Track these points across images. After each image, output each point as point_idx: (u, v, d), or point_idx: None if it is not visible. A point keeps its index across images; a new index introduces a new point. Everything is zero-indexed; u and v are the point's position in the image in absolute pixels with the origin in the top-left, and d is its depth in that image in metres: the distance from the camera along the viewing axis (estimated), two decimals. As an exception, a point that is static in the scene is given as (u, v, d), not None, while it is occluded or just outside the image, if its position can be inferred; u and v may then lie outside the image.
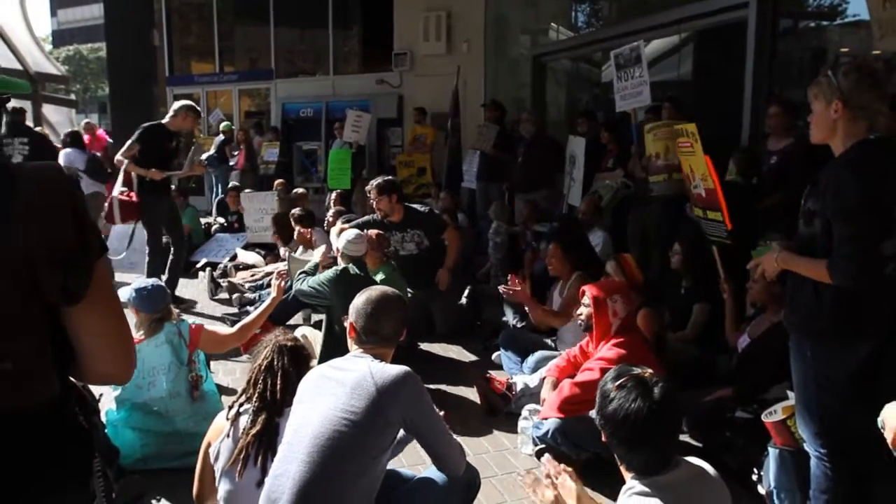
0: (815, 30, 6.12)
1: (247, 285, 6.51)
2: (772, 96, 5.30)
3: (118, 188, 5.82)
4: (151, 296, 3.22)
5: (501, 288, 4.42)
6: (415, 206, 5.64)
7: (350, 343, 2.31)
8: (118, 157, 5.80)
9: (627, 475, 1.70)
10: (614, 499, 2.92)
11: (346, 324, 2.32)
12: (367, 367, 2.08)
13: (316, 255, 4.37)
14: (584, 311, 3.41)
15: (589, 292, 3.37)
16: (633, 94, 5.83)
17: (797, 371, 2.39)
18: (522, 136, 7.67)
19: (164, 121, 5.83)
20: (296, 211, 6.64)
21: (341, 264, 4.04)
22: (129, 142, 5.77)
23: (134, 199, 5.75)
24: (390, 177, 5.40)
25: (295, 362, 2.39)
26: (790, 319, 2.41)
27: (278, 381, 2.32)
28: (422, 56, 10.66)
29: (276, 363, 2.36)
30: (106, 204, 5.93)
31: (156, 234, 6.00)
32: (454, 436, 2.34)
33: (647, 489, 1.64)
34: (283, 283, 3.82)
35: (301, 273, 4.21)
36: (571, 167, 6.90)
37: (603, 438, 1.74)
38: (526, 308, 4.61)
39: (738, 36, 5.67)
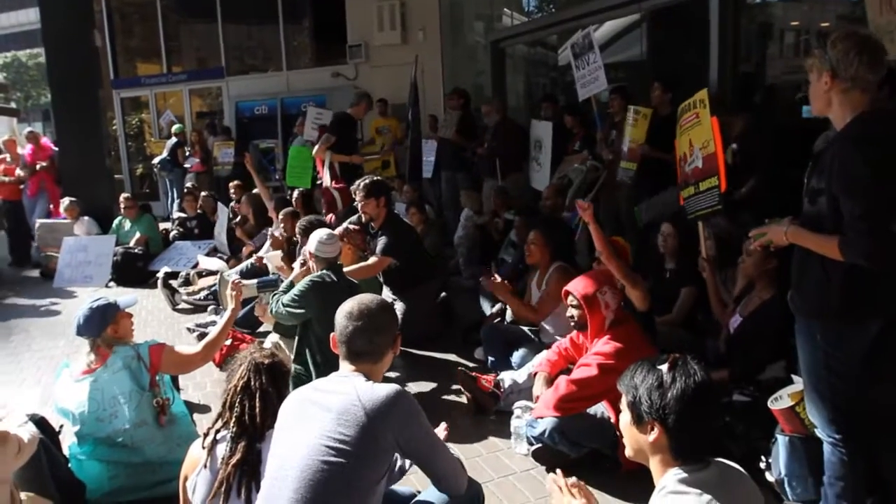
0: (779, 5, 6.09)
1: (204, 293, 6.28)
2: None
3: (327, 179, 6.06)
4: (89, 319, 2.93)
5: (482, 279, 4.25)
6: (399, 217, 5.30)
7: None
8: (317, 149, 6.12)
9: (668, 470, 1.53)
10: (615, 495, 2.85)
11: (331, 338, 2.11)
12: (353, 389, 1.87)
13: (296, 268, 4.07)
14: (574, 312, 3.24)
15: (576, 292, 3.20)
16: (591, 80, 5.76)
17: (805, 356, 2.29)
18: (487, 124, 7.50)
19: (348, 111, 6.15)
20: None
21: (315, 270, 3.78)
22: (324, 135, 6.10)
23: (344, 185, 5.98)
24: (379, 178, 5.04)
25: (273, 380, 2.19)
26: (797, 303, 2.30)
27: (257, 403, 2.11)
28: (377, 46, 10.43)
29: (253, 383, 2.15)
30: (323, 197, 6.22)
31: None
32: (453, 448, 2.17)
33: (683, 486, 1.49)
34: (239, 294, 3.50)
35: (275, 294, 3.84)
36: (537, 152, 6.79)
37: (652, 437, 1.54)
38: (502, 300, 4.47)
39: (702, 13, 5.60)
